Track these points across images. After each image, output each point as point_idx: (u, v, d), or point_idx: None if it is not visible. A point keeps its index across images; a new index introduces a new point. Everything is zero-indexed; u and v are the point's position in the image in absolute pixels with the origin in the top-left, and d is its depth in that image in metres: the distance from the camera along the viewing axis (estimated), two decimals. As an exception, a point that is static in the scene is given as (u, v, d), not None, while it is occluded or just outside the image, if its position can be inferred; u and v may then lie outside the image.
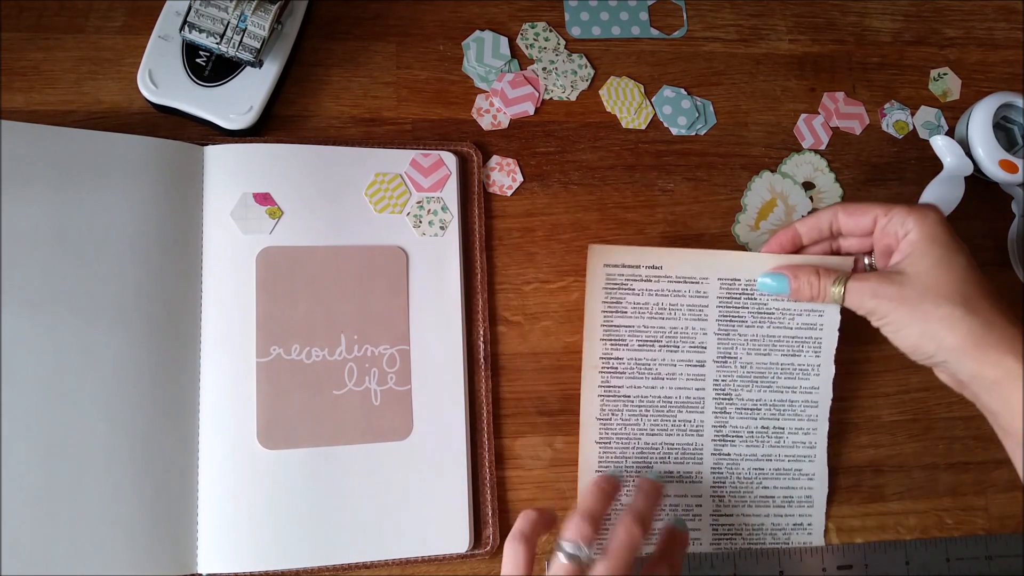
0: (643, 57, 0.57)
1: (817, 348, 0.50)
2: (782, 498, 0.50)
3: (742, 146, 0.56)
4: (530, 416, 0.50)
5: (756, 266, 0.49)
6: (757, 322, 0.50)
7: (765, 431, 0.50)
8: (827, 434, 0.51)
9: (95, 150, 0.46)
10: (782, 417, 0.50)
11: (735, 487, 0.50)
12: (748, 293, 0.50)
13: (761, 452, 0.50)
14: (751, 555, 0.49)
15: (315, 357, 0.47)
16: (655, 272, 0.49)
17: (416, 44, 0.55)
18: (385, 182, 0.50)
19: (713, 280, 0.49)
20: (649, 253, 0.49)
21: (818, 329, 0.50)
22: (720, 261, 0.49)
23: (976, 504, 0.53)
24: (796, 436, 0.50)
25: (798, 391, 0.50)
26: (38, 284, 0.43)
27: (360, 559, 0.46)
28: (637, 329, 0.49)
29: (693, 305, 0.49)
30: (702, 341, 0.50)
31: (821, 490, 0.51)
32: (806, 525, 0.50)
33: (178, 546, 0.44)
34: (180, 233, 0.47)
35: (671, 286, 0.49)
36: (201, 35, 0.47)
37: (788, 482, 0.50)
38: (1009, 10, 0.62)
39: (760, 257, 0.49)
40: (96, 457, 0.43)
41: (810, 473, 0.51)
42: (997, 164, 0.53)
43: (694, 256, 0.49)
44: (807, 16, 0.59)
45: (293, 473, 0.46)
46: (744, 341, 0.50)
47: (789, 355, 0.50)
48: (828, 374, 0.50)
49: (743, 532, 0.50)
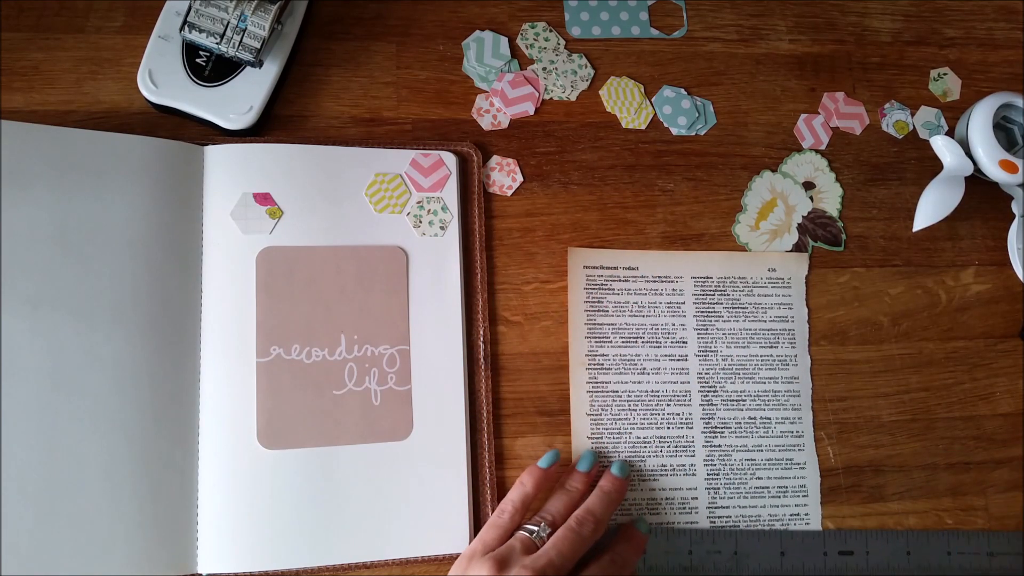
0: (643, 57, 0.57)
1: (792, 339, 0.53)
2: (776, 488, 0.51)
3: (742, 146, 0.56)
4: (530, 416, 0.50)
5: (725, 264, 0.52)
6: (732, 316, 0.53)
7: (752, 421, 0.52)
8: (812, 423, 0.52)
9: (95, 150, 0.46)
10: (767, 407, 0.52)
11: (729, 479, 0.51)
12: (721, 289, 0.53)
13: (751, 442, 0.51)
14: (752, 535, 0.50)
15: (315, 357, 0.47)
16: (632, 272, 0.52)
17: (416, 44, 0.55)
18: (385, 182, 0.50)
19: (687, 278, 0.53)
20: (625, 255, 0.52)
21: (790, 321, 0.53)
22: (692, 260, 0.53)
23: (976, 504, 0.53)
24: (783, 426, 0.52)
25: (780, 381, 0.52)
26: (38, 284, 0.43)
27: (360, 559, 0.46)
28: (619, 327, 0.51)
29: (671, 302, 0.52)
30: (683, 336, 0.52)
31: (814, 479, 0.51)
32: (803, 515, 0.51)
33: (178, 546, 0.44)
34: (180, 233, 0.47)
35: (648, 285, 0.52)
36: (201, 35, 0.47)
37: (781, 472, 0.51)
38: (1009, 10, 0.62)
39: (728, 255, 0.53)
40: (96, 457, 0.43)
41: (801, 462, 0.51)
42: (997, 164, 0.53)
43: (667, 256, 0.53)
44: (807, 16, 0.59)
45: (293, 473, 0.46)
46: (722, 335, 0.52)
47: (767, 347, 0.52)
48: (805, 364, 0.53)
49: (740, 524, 0.50)
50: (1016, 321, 0.56)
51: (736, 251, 0.54)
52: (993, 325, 0.56)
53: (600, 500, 0.46)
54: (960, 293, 0.56)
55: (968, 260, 0.56)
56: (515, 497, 0.46)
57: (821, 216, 0.55)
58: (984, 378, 0.55)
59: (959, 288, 0.56)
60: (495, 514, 0.46)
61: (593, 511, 0.45)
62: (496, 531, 0.45)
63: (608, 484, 0.47)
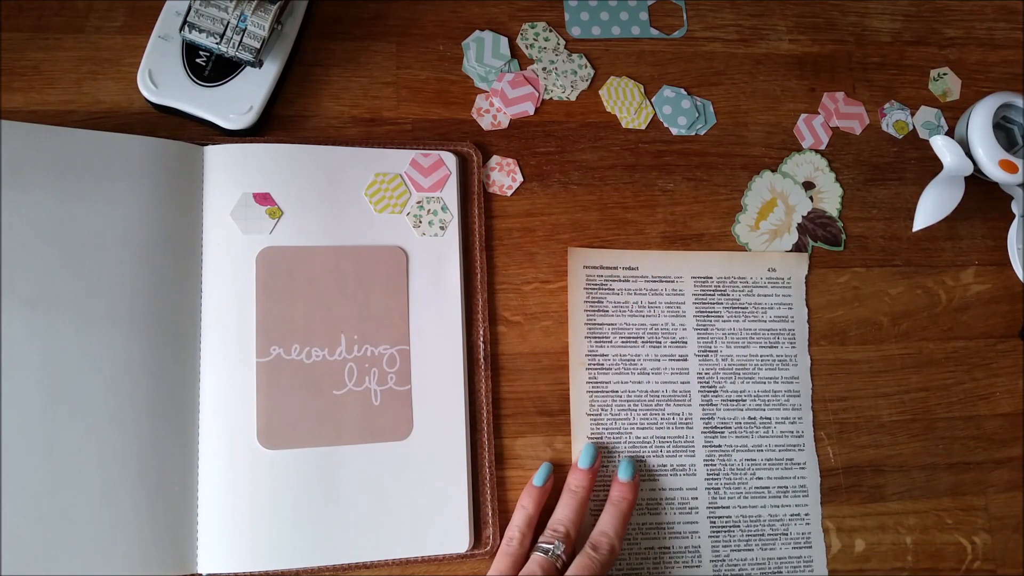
0: (643, 57, 0.57)
1: (792, 339, 0.53)
2: (777, 488, 0.51)
3: (742, 146, 0.56)
4: (530, 416, 0.50)
5: (725, 264, 0.53)
6: (732, 316, 0.53)
7: (752, 421, 0.51)
8: (812, 423, 0.52)
9: (95, 150, 0.46)
10: (767, 407, 0.52)
11: (729, 479, 0.51)
12: (721, 290, 0.53)
13: (751, 443, 0.51)
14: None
15: (315, 357, 0.47)
16: (632, 272, 0.52)
17: (416, 44, 0.55)
18: (385, 182, 0.50)
19: (687, 278, 0.53)
20: (625, 255, 0.52)
21: (790, 321, 0.53)
22: (692, 260, 0.53)
23: (976, 504, 0.53)
24: (783, 426, 0.52)
25: (780, 381, 0.52)
26: (38, 284, 0.43)
27: (360, 559, 0.46)
28: (619, 327, 0.51)
29: (671, 302, 0.52)
30: (683, 336, 0.52)
31: (814, 479, 0.51)
32: (803, 515, 0.51)
33: (178, 546, 0.44)
34: (180, 233, 0.47)
35: (648, 285, 0.52)
36: (201, 35, 0.47)
37: (781, 472, 0.51)
38: (1009, 10, 0.62)
39: (727, 255, 0.53)
40: (96, 457, 0.43)
41: (801, 462, 0.51)
42: (997, 164, 0.53)
43: (667, 256, 0.53)
44: (807, 16, 0.59)
45: (293, 473, 0.46)
46: (722, 335, 0.52)
47: (767, 347, 0.52)
48: (805, 364, 0.53)
49: (740, 524, 0.50)
50: (1016, 321, 0.56)
51: (736, 251, 0.54)
52: (993, 325, 0.56)
53: (612, 517, 0.46)
54: (960, 293, 0.56)
55: (968, 260, 0.56)
56: (519, 522, 0.46)
57: (821, 216, 0.56)
58: (984, 378, 0.55)
59: (959, 288, 0.56)
60: (504, 543, 0.46)
61: (606, 531, 0.46)
62: (510, 559, 0.45)
63: (617, 494, 0.47)
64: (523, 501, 0.47)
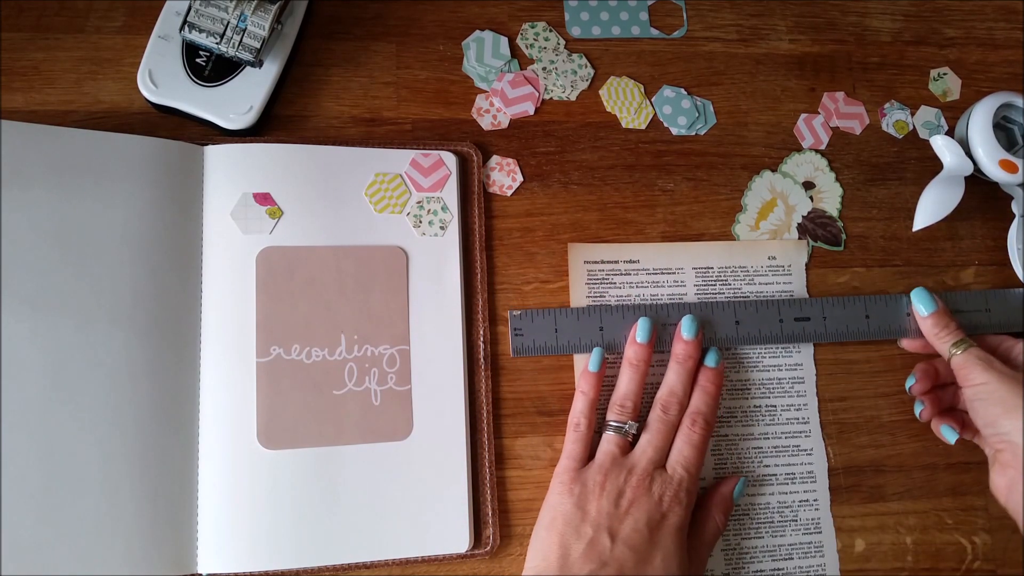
0: (643, 57, 0.57)
1: None
2: (784, 475, 0.51)
3: (742, 146, 0.56)
4: (530, 416, 0.50)
5: (725, 254, 0.53)
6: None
7: (758, 409, 0.52)
8: (818, 409, 0.52)
9: (95, 150, 0.46)
10: (772, 395, 0.52)
11: (737, 468, 0.51)
12: (722, 279, 0.53)
13: (757, 431, 0.51)
14: (707, 307, 0.51)
15: (315, 357, 0.47)
16: (633, 266, 0.52)
17: (416, 44, 0.55)
18: (385, 182, 0.50)
19: (688, 269, 0.53)
20: (625, 248, 0.52)
21: None
22: (692, 252, 0.53)
23: (976, 504, 0.53)
24: (789, 412, 0.52)
25: (784, 368, 0.52)
26: (38, 284, 0.43)
27: (360, 559, 0.46)
28: None
29: (673, 294, 0.52)
30: None
31: (821, 464, 0.52)
32: (812, 500, 0.51)
33: (178, 546, 0.44)
34: (180, 233, 0.47)
35: (650, 278, 0.52)
36: (201, 35, 0.47)
37: (788, 459, 0.51)
38: (1009, 10, 0.62)
39: (727, 245, 0.53)
40: (96, 457, 0.43)
41: (808, 448, 0.52)
42: (997, 164, 0.53)
43: (667, 248, 0.53)
44: (807, 16, 0.59)
45: (293, 473, 0.46)
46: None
47: None
48: (808, 350, 0.53)
49: (750, 512, 0.50)
50: (1016, 321, 0.56)
51: (736, 241, 0.54)
52: (993, 325, 0.56)
53: (676, 375, 0.49)
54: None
55: (968, 260, 0.56)
56: (582, 407, 0.48)
57: (821, 216, 0.56)
58: (984, 378, 0.55)
59: (959, 288, 0.56)
60: (571, 428, 0.48)
61: (675, 391, 0.48)
62: (581, 443, 0.47)
63: (681, 351, 0.49)
64: (582, 387, 0.48)
